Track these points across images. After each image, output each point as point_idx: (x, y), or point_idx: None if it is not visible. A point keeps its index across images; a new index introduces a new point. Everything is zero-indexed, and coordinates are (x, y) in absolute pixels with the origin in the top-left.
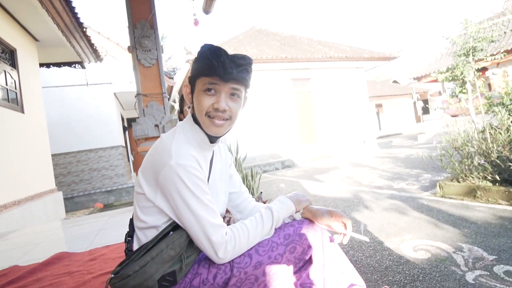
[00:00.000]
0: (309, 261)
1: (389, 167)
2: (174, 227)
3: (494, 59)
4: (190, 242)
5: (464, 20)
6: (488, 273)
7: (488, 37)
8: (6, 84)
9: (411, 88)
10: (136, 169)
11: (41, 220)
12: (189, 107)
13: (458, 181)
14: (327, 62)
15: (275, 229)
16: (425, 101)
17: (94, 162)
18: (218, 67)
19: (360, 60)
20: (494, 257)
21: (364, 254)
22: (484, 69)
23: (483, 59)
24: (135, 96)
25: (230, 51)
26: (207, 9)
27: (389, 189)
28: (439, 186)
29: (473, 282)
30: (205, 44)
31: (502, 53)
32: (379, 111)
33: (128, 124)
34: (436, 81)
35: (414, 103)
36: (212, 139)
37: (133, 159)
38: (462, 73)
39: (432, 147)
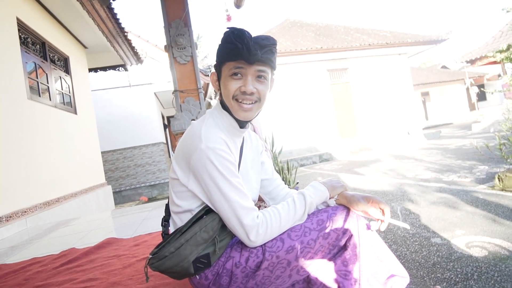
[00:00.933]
0: (344, 247)
1: (437, 159)
2: (207, 210)
3: None
4: (223, 226)
5: None
6: None
7: None
8: (62, 89)
9: (463, 73)
10: None
11: (94, 211)
12: (217, 95)
13: None
14: (365, 50)
15: (308, 215)
16: (481, 87)
17: (138, 158)
18: (243, 50)
19: (402, 45)
20: None
21: (409, 249)
22: None
23: None
24: (173, 93)
25: None
26: (238, 3)
27: (437, 182)
28: (498, 178)
29: None
30: (228, 29)
31: None
32: (426, 100)
33: (168, 122)
34: (495, 63)
35: (467, 89)
36: (242, 124)
37: (173, 154)
38: None
39: (489, 137)
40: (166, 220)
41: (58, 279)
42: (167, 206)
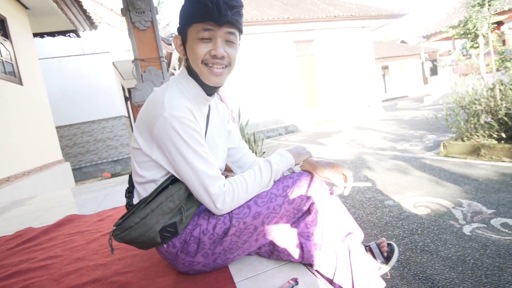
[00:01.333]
0: (308, 211)
1: (393, 129)
2: (173, 180)
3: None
4: (190, 195)
5: None
6: (485, 226)
7: None
8: (1, 56)
9: (419, 48)
10: None
11: (52, 189)
12: (181, 64)
13: (463, 140)
14: (331, 22)
15: (274, 181)
16: (434, 61)
17: (98, 133)
18: (213, 9)
19: (366, 18)
20: (493, 211)
21: (365, 212)
22: (500, 24)
23: (500, 11)
24: (133, 62)
25: None
26: None
27: (392, 150)
28: (443, 145)
29: (469, 234)
30: None
31: None
32: (385, 73)
33: (129, 94)
34: (447, 39)
35: (422, 63)
36: (209, 92)
37: (135, 124)
38: (475, 26)
39: (438, 109)
40: (130, 192)
41: (14, 259)
42: (130, 177)
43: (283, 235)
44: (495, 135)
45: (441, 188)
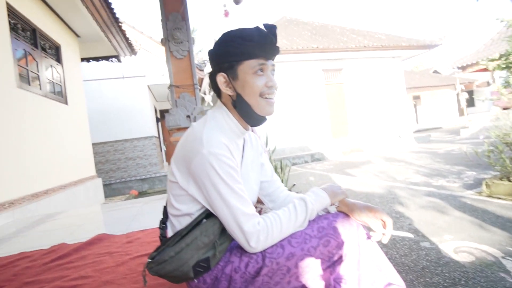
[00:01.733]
0: (344, 256)
1: (426, 163)
2: (208, 214)
3: None
4: (223, 230)
5: None
6: None
7: None
8: (53, 78)
9: (454, 79)
10: (168, 159)
11: (83, 204)
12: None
13: (509, 180)
14: (360, 52)
15: (309, 222)
16: (470, 93)
17: (130, 151)
18: (268, 47)
19: (397, 48)
20: None
21: (399, 253)
22: None
23: None
24: (168, 88)
25: None
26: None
27: (427, 186)
28: (486, 184)
29: None
30: (256, 27)
31: None
32: (417, 103)
33: (161, 116)
34: (485, 70)
35: (457, 94)
36: (255, 124)
37: (165, 149)
38: None
39: (477, 143)
40: (163, 223)
41: (48, 275)
42: (165, 208)
43: (317, 279)
44: None
45: (486, 233)
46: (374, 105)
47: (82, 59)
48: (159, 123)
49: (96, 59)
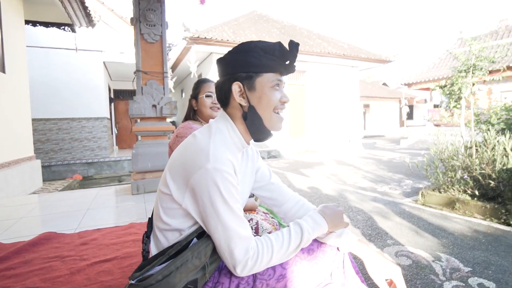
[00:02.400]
0: (331, 279)
1: (372, 169)
2: (200, 233)
3: (493, 79)
4: (214, 250)
5: (470, 38)
6: (464, 285)
7: (490, 57)
8: None
9: (399, 93)
10: (119, 143)
11: (17, 189)
12: (218, 107)
13: (440, 192)
14: (324, 57)
15: None
16: (411, 107)
17: (76, 131)
18: (290, 65)
19: (356, 59)
20: (469, 269)
21: None
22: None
23: (481, 78)
24: (134, 72)
25: (230, 33)
26: None
27: (373, 191)
28: (421, 194)
29: None
30: (278, 42)
31: (499, 75)
32: (366, 111)
33: (115, 96)
34: (426, 89)
35: (401, 108)
36: (249, 140)
37: (116, 132)
38: (460, 89)
39: (413, 153)
40: (147, 236)
41: None
42: (149, 220)
43: None
44: (469, 191)
45: (421, 239)
46: (330, 109)
47: (27, 22)
48: (112, 104)
49: (45, 24)
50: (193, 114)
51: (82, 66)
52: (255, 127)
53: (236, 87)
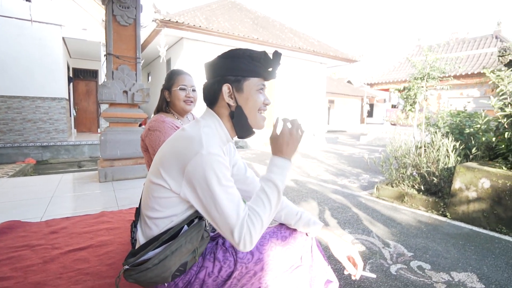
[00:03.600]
0: (300, 261)
1: (334, 163)
2: (190, 221)
3: (442, 88)
4: (202, 235)
5: (426, 48)
6: (406, 267)
7: (442, 68)
8: None
9: (362, 91)
10: (77, 126)
11: None
12: (208, 104)
13: (392, 186)
14: (295, 52)
15: (275, 231)
16: (371, 106)
17: (30, 112)
18: (272, 72)
19: (325, 56)
20: (412, 253)
21: None
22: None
23: (433, 86)
24: (105, 55)
25: (202, 19)
26: None
27: (334, 184)
28: (377, 188)
29: (395, 273)
30: (263, 52)
31: (447, 85)
32: (331, 107)
33: (74, 75)
34: (386, 90)
35: (362, 106)
36: (243, 135)
37: (75, 114)
38: (415, 95)
39: (372, 149)
40: (136, 226)
41: None
42: (137, 210)
43: (276, 280)
44: (416, 186)
45: (374, 227)
46: (297, 103)
47: None
48: (71, 84)
49: None
50: (166, 106)
51: (38, 40)
52: (241, 125)
53: (225, 88)
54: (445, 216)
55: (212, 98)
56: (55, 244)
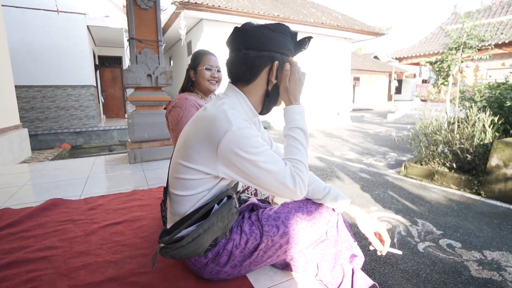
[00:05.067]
0: (326, 235)
1: (359, 141)
2: (220, 200)
3: (480, 58)
4: (232, 213)
5: (463, 15)
6: (435, 245)
7: (480, 36)
8: None
9: (389, 66)
10: (106, 112)
11: (7, 158)
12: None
13: (421, 164)
14: (317, 28)
15: (300, 206)
16: (400, 81)
17: (62, 100)
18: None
19: (350, 31)
20: (441, 232)
21: None
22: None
23: (470, 56)
24: (128, 40)
25: None
26: None
27: (359, 163)
28: (404, 166)
29: (422, 251)
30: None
31: (486, 54)
32: (356, 85)
33: (100, 62)
34: (416, 64)
35: (390, 82)
36: (258, 112)
37: (103, 101)
38: (449, 67)
39: (399, 127)
40: (165, 204)
41: (3, 246)
42: (165, 190)
43: (301, 253)
44: (447, 164)
45: (401, 206)
46: (321, 81)
47: None
48: (98, 71)
49: None
50: (191, 85)
51: (65, 29)
52: (272, 103)
53: (275, 65)
54: (479, 194)
55: (252, 74)
56: (94, 219)
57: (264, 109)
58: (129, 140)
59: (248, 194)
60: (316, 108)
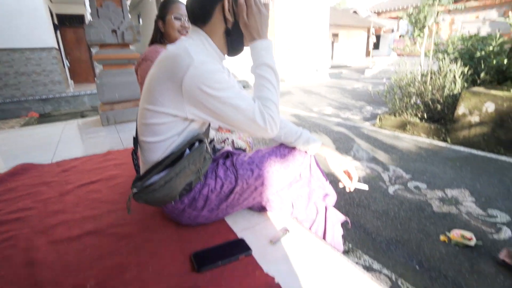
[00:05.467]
0: (299, 177)
1: (337, 97)
2: (191, 145)
3: (456, 8)
4: (205, 156)
5: None
6: (404, 187)
7: None
8: None
9: (368, 22)
10: (73, 77)
11: None
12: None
13: (395, 116)
14: None
15: (274, 150)
16: (378, 37)
17: (21, 64)
18: None
19: None
20: (410, 176)
21: None
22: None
23: (446, 6)
24: None
25: None
26: None
27: (336, 117)
28: (379, 118)
29: (392, 193)
30: None
31: (462, 4)
32: (335, 41)
33: (59, 22)
34: (395, 18)
35: (368, 37)
36: (224, 54)
37: (69, 65)
38: (425, 17)
39: (376, 82)
40: (136, 153)
41: None
42: (135, 139)
43: (277, 194)
44: (419, 115)
45: (375, 155)
46: (299, 38)
47: None
48: (58, 32)
49: None
50: (160, 36)
51: None
52: (236, 43)
53: (225, 1)
54: (446, 141)
55: (205, 13)
56: (68, 180)
57: (230, 50)
58: (100, 102)
59: (224, 145)
60: (294, 65)
